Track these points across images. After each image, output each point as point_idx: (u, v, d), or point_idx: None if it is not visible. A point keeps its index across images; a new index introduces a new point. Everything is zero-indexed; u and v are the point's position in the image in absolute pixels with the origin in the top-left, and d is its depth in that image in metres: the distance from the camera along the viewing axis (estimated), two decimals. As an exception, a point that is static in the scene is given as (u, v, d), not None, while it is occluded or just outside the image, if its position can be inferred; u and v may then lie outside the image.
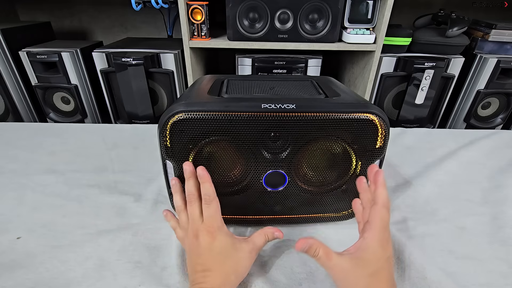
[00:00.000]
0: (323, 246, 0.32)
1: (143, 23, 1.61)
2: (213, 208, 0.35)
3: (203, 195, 0.36)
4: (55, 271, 0.37)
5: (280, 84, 0.47)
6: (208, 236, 0.34)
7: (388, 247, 0.32)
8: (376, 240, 0.32)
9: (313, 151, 0.38)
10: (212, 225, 0.35)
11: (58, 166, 0.59)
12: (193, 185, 0.37)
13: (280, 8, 1.03)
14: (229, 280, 0.33)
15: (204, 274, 0.32)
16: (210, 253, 0.33)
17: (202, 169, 0.36)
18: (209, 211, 0.35)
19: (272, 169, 0.39)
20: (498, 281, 0.37)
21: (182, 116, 0.34)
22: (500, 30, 1.17)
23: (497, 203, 0.51)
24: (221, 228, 0.35)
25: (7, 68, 1.23)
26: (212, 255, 0.33)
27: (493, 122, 1.33)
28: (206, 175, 0.36)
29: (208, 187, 0.36)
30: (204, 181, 0.36)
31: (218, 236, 0.34)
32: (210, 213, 0.35)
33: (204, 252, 0.33)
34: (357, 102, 0.38)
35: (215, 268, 0.33)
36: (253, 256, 0.36)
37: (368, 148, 0.38)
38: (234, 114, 0.34)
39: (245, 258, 0.35)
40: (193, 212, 0.36)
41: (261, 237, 0.37)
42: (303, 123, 0.35)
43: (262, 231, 0.37)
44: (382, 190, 0.34)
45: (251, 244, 0.36)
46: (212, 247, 0.34)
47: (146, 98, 1.20)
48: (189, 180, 0.37)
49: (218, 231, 0.34)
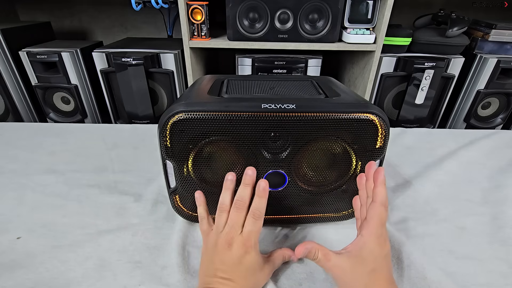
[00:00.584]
0: (321, 248, 0.32)
1: (143, 23, 1.61)
2: (258, 225, 0.34)
3: (255, 209, 0.35)
4: (55, 271, 0.37)
5: (280, 84, 0.47)
6: (243, 249, 0.33)
7: (386, 245, 0.33)
8: (374, 238, 0.32)
9: (313, 151, 0.38)
10: (250, 239, 0.34)
11: (58, 166, 0.59)
12: (248, 193, 0.36)
13: (280, 8, 1.03)
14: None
15: (224, 281, 0.32)
16: (239, 265, 0.33)
17: (265, 182, 0.35)
18: (253, 226, 0.34)
19: (272, 169, 0.39)
20: (498, 281, 0.37)
21: (182, 116, 0.34)
22: (500, 30, 1.17)
23: (497, 203, 0.51)
24: (256, 246, 0.34)
25: (7, 68, 1.23)
26: (239, 268, 0.33)
27: (493, 122, 1.33)
28: (266, 190, 0.35)
29: (263, 203, 0.35)
30: (262, 195, 0.35)
31: (251, 253, 0.33)
32: (254, 228, 0.34)
33: (232, 262, 0.33)
34: (357, 102, 0.38)
35: (238, 281, 0.32)
36: (270, 276, 0.36)
37: (368, 148, 0.38)
38: (234, 114, 0.34)
39: (264, 278, 0.35)
40: (237, 219, 0.34)
41: (280, 258, 0.37)
42: (303, 123, 0.35)
43: (281, 253, 0.38)
44: (381, 189, 0.34)
45: (271, 266, 0.36)
46: (243, 260, 0.33)
47: (146, 98, 1.20)
48: (247, 186, 0.36)
49: (253, 248, 0.34)
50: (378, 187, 0.35)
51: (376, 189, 0.35)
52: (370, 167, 0.37)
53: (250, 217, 0.34)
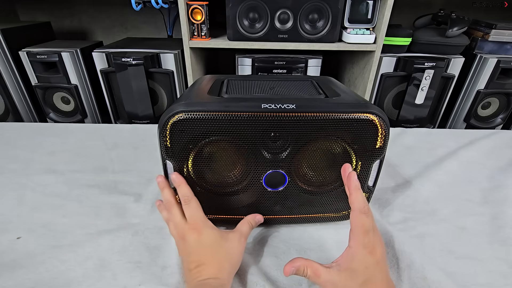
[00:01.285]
0: (310, 264, 0.31)
1: (143, 23, 1.61)
2: (192, 206, 0.36)
3: (181, 197, 0.37)
4: (55, 271, 0.37)
5: (280, 84, 0.47)
6: (194, 233, 0.35)
7: (376, 252, 0.31)
8: (361, 247, 0.31)
9: (313, 151, 0.38)
10: (196, 222, 0.36)
11: (58, 166, 0.59)
12: (168, 193, 0.38)
13: (280, 8, 1.03)
14: (224, 268, 0.34)
15: (198, 269, 0.33)
16: (200, 247, 0.34)
17: (175, 174, 0.37)
18: (190, 211, 0.36)
19: (272, 169, 0.39)
20: (498, 281, 0.37)
21: (182, 116, 0.34)
22: (500, 30, 1.17)
23: (497, 203, 0.51)
24: (205, 222, 0.36)
25: (7, 68, 1.23)
26: (202, 249, 0.34)
27: (493, 122, 1.33)
28: (179, 178, 0.37)
29: (183, 188, 0.37)
30: (179, 184, 0.37)
31: (204, 231, 0.35)
32: (191, 212, 0.36)
33: (194, 249, 0.34)
34: (357, 102, 0.38)
35: (208, 260, 0.33)
36: (243, 243, 0.37)
37: (368, 148, 0.38)
38: (234, 114, 0.34)
39: (235, 246, 0.36)
40: (175, 217, 0.37)
41: (245, 224, 0.39)
42: (303, 123, 0.35)
43: (244, 220, 0.40)
44: (356, 195, 0.33)
45: (238, 233, 0.37)
46: (201, 241, 0.34)
47: (146, 98, 1.20)
48: (163, 190, 0.39)
49: (203, 226, 0.35)
50: (353, 194, 0.33)
51: (351, 197, 0.33)
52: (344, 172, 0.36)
53: (182, 204, 0.37)
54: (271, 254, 0.41)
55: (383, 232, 0.43)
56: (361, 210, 0.32)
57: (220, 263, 0.34)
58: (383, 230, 0.44)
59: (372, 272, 0.30)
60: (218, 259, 0.34)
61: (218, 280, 0.32)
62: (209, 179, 0.40)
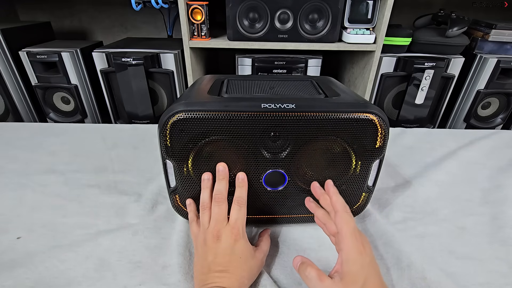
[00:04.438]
0: (317, 268, 0.32)
1: (143, 23, 1.61)
2: (242, 212, 0.36)
3: (237, 197, 0.37)
4: (55, 271, 0.37)
5: (280, 84, 0.47)
6: (232, 238, 0.34)
7: (366, 250, 0.32)
8: (352, 248, 0.31)
9: (312, 151, 0.38)
10: (238, 227, 0.35)
11: (58, 166, 0.59)
12: (224, 186, 0.37)
13: (280, 8, 1.03)
14: (243, 283, 0.33)
15: (221, 274, 0.32)
16: (231, 255, 0.33)
17: (243, 174, 0.38)
18: (238, 214, 0.36)
19: (272, 169, 0.39)
20: (498, 281, 0.37)
21: (182, 116, 0.34)
22: (500, 30, 1.17)
23: (497, 203, 0.51)
24: (244, 233, 0.36)
25: (7, 68, 1.23)
26: (232, 257, 0.33)
27: (493, 122, 1.33)
28: (245, 180, 0.37)
29: (244, 191, 0.37)
30: (242, 185, 0.37)
31: (241, 240, 0.34)
32: (239, 216, 0.36)
33: (224, 253, 0.33)
34: (356, 102, 0.38)
35: (233, 270, 0.33)
36: (263, 262, 0.37)
37: (367, 148, 0.38)
38: (234, 114, 0.34)
39: (258, 265, 0.36)
40: (220, 212, 0.35)
41: (267, 242, 0.39)
42: (303, 122, 0.35)
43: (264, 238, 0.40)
44: (336, 198, 0.36)
45: (262, 252, 0.37)
46: (234, 249, 0.34)
47: (146, 98, 1.20)
48: (222, 181, 0.37)
49: (241, 235, 0.35)
50: (333, 197, 0.36)
51: (332, 199, 0.36)
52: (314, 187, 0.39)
53: (234, 204, 0.36)
54: (271, 254, 0.41)
55: (383, 232, 0.44)
56: (344, 209, 0.34)
57: (242, 278, 0.33)
58: (383, 230, 0.44)
59: (368, 270, 0.31)
60: (242, 272, 0.33)
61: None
62: None
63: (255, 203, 0.42)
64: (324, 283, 0.31)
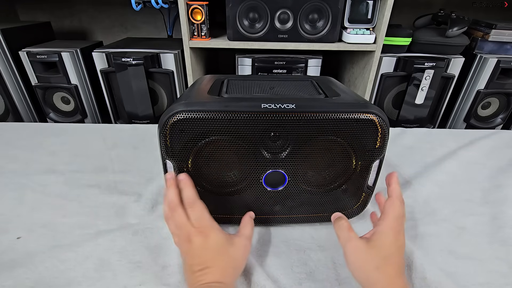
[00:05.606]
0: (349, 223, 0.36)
1: (143, 23, 1.61)
2: (198, 209, 0.35)
3: (185, 199, 0.35)
4: (55, 271, 0.37)
5: (280, 84, 0.47)
6: (201, 236, 0.34)
7: (400, 237, 0.34)
8: (389, 228, 0.34)
9: (313, 151, 0.38)
10: (202, 225, 0.35)
11: (58, 166, 0.59)
12: (174, 192, 0.36)
13: (280, 8, 1.03)
14: (228, 273, 0.33)
15: (202, 272, 0.32)
16: (206, 251, 0.34)
17: (184, 175, 0.36)
18: (195, 214, 0.35)
19: (272, 169, 0.39)
20: (498, 281, 0.37)
21: (182, 116, 0.34)
22: (500, 30, 1.17)
23: (497, 203, 0.51)
24: (212, 225, 0.35)
25: (7, 68, 1.23)
26: (208, 252, 0.34)
27: (493, 122, 1.33)
28: (186, 180, 0.36)
29: (187, 191, 0.36)
30: (184, 187, 0.36)
31: (211, 234, 0.34)
32: (196, 215, 0.35)
33: (199, 252, 0.34)
34: (356, 102, 0.38)
35: (213, 264, 0.33)
36: (248, 247, 0.37)
37: (367, 148, 0.38)
38: (234, 114, 0.34)
39: (240, 251, 0.36)
40: (179, 219, 0.35)
41: (247, 226, 0.39)
42: (303, 123, 0.35)
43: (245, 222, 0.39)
44: (395, 186, 0.37)
45: (243, 237, 0.37)
46: (207, 245, 0.34)
47: (146, 98, 1.20)
48: (169, 188, 0.36)
49: (210, 229, 0.35)
50: (393, 185, 0.37)
51: (390, 187, 0.37)
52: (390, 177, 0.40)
53: (187, 207, 0.35)
54: (271, 254, 0.41)
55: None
56: (398, 197, 0.36)
57: (225, 268, 0.33)
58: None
59: (393, 251, 0.33)
60: (223, 263, 0.33)
61: (222, 284, 0.32)
62: (209, 179, 0.40)
63: (255, 203, 0.42)
64: (351, 234, 0.34)
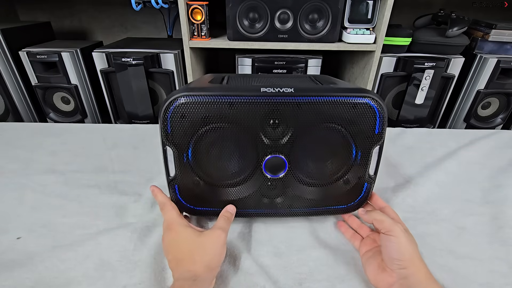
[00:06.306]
0: None
1: (143, 23, 1.61)
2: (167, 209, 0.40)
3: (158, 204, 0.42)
4: (55, 270, 0.37)
5: (279, 78, 0.48)
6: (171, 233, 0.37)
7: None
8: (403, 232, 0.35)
9: (312, 138, 0.39)
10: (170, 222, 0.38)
11: (58, 166, 0.59)
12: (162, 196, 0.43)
13: (280, 8, 1.03)
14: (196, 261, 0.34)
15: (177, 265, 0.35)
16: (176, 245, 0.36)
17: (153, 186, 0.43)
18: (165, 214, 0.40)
19: (272, 155, 0.39)
20: (498, 281, 0.37)
21: (183, 100, 0.35)
22: (500, 30, 1.17)
23: (497, 203, 0.51)
24: (179, 222, 0.38)
25: (7, 68, 1.23)
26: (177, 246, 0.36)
27: (493, 122, 1.33)
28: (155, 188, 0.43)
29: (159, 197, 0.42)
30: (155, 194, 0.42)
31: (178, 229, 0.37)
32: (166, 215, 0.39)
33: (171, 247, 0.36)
34: (354, 87, 0.39)
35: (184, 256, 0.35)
36: (220, 236, 0.37)
37: (367, 134, 0.38)
38: (234, 97, 0.35)
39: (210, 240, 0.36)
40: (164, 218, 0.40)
41: (220, 218, 0.40)
42: (302, 106, 0.36)
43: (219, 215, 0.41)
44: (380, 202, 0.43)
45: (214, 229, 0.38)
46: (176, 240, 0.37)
47: (146, 98, 1.20)
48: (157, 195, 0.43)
49: (177, 225, 0.37)
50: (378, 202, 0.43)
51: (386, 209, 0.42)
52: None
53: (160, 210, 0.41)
54: (271, 254, 0.41)
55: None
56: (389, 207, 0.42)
57: (193, 257, 0.35)
58: (383, 230, 0.44)
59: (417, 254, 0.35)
60: (192, 253, 0.35)
61: (191, 272, 0.33)
62: (209, 169, 0.40)
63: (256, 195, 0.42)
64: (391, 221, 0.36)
